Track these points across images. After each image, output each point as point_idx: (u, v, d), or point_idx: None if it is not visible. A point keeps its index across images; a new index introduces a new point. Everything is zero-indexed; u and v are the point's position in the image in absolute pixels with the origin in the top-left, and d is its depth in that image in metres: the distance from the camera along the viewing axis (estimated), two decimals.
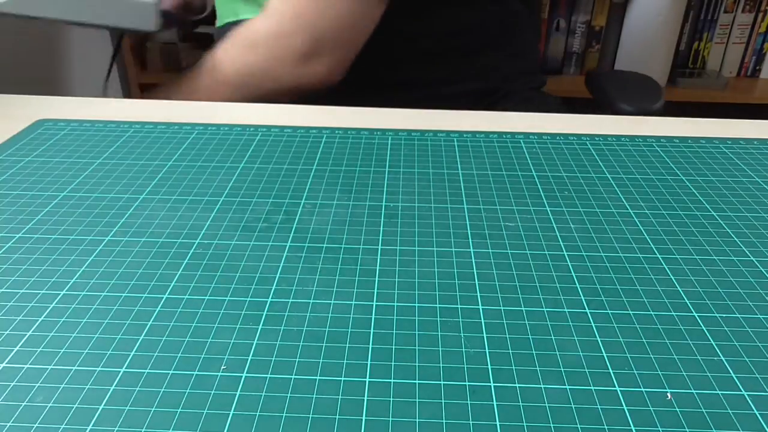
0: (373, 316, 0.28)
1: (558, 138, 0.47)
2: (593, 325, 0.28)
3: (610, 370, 0.25)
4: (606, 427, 0.23)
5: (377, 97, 0.58)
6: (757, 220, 0.37)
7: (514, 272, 0.31)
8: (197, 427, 0.22)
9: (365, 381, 0.25)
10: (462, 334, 0.27)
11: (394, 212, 0.37)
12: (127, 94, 1.54)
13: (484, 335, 0.27)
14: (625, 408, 0.23)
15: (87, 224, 0.35)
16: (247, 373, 0.25)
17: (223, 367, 0.25)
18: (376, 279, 0.31)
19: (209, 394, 0.24)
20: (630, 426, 0.23)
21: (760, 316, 0.29)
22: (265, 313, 0.28)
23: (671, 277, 0.31)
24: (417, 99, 0.58)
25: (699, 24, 1.52)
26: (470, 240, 0.34)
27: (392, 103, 0.53)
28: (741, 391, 0.24)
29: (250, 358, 0.26)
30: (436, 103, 0.54)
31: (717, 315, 0.29)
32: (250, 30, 0.58)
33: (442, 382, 0.25)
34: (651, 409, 0.23)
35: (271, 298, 0.29)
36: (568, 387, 0.24)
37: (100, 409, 0.23)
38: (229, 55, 0.58)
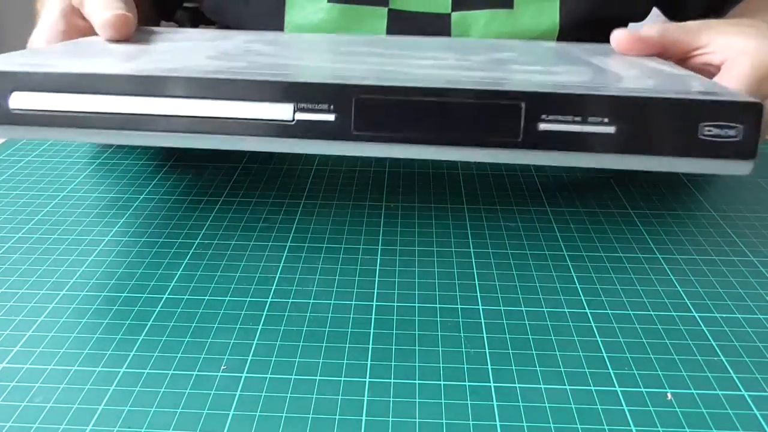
0: (373, 316, 0.28)
1: None
2: (593, 325, 0.28)
3: (610, 370, 0.25)
4: (606, 427, 0.23)
5: None
6: (757, 220, 0.37)
7: (514, 272, 0.31)
8: (197, 427, 0.22)
9: (365, 381, 0.25)
10: (462, 334, 0.27)
11: (394, 212, 0.37)
12: None
13: (484, 335, 0.27)
14: (625, 408, 0.23)
15: (87, 224, 0.35)
16: (247, 373, 0.25)
17: (223, 367, 0.25)
18: (376, 279, 0.31)
19: (209, 394, 0.24)
20: (630, 426, 0.23)
21: (760, 316, 0.29)
22: (265, 313, 0.28)
23: (671, 277, 0.31)
24: None
25: None
26: (470, 240, 0.34)
27: None
28: (741, 391, 0.24)
29: (250, 358, 0.26)
30: None
31: (717, 315, 0.29)
32: None
33: (442, 382, 0.24)
34: (651, 409, 0.23)
35: (271, 298, 0.29)
36: (568, 387, 0.24)
37: (100, 409, 0.23)
38: None
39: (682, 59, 0.37)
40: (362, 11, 0.48)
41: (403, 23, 0.48)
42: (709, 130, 0.26)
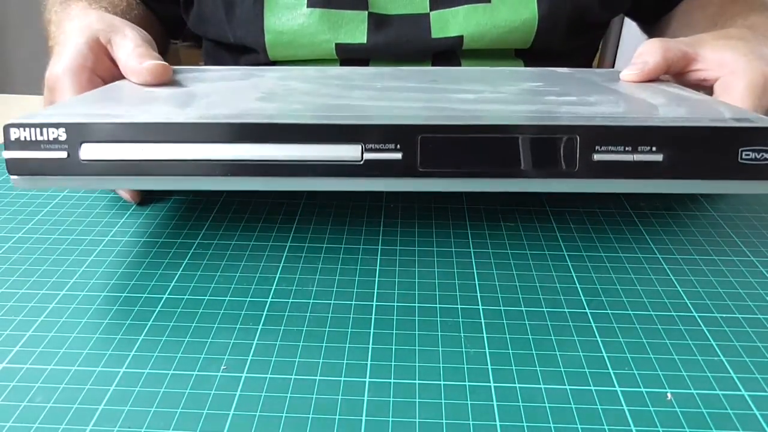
0: (373, 316, 0.28)
1: None
2: (593, 325, 0.28)
3: (610, 370, 0.25)
4: (606, 427, 0.23)
5: None
6: (757, 220, 0.37)
7: (514, 272, 0.31)
8: (197, 427, 0.22)
9: (365, 381, 0.25)
10: (462, 334, 0.27)
11: (394, 212, 0.37)
12: None
13: (484, 335, 0.27)
14: (625, 408, 0.23)
15: (87, 224, 0.35)
16: (247, 373, 0.25)
17: (223, 367, 0.25)
18: (376, 279, 0.31)
19: (209, 394, 0.24)
20: (630, 426, 0.23)
21: (760, 316, 0.29)
22: (265, 313, 0.28)
23: (671, 277, 0.31)
24: None
25: None
26: (470, 240, 0.34)
27: None
28: (741, 391, 0.24)
29: (250, 358, 0.26)
30: None
31: (717, 315, 0.29)
32: None
33: (442, 382, 0.24)
34: (651, 409, 0.23)
35: (271, 298, 0.29)
36: (568, 387, 0.24)
37: (100, 409, 0.23)
38: None
39: (679, 74, 0.38)
40: (343, 15, 0.48)
41: (383, 25, 0.48)
42: (747, 154, 0.28)
